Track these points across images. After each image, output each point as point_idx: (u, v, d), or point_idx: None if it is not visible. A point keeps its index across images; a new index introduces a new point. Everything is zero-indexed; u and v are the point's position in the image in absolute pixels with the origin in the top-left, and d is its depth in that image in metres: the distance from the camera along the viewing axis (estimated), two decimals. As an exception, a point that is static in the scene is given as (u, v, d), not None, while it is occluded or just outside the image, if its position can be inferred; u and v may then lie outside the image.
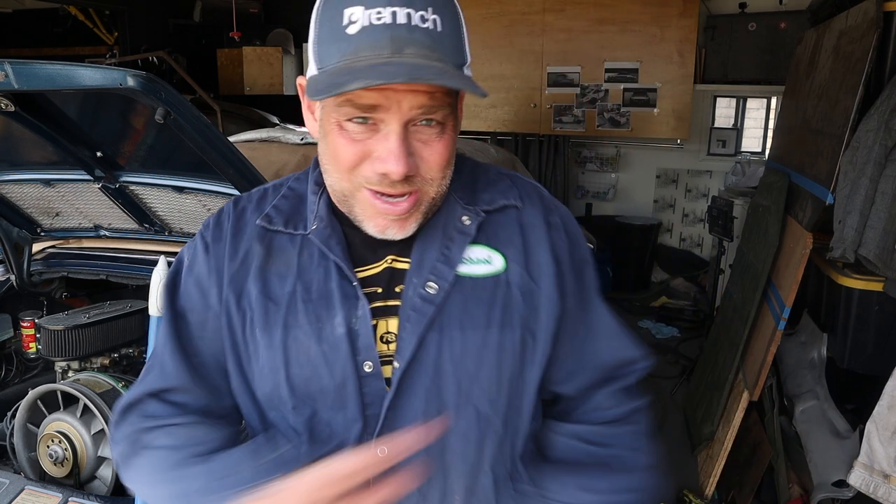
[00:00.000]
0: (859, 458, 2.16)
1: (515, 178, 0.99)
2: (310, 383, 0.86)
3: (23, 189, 1.94)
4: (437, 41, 0.77)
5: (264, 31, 7.23)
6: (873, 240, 2.24)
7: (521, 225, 0.93)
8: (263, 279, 0.89)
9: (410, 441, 0.79)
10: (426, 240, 0.89)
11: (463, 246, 0.89)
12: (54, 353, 1.89)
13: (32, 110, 1.54)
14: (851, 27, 2.69)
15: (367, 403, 0.85)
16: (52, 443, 1.65)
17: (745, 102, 5.63)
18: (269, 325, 0.87)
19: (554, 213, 0.96)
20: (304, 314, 0.86)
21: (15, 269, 2.09)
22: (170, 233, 2.01)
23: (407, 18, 0.76)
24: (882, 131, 2.25)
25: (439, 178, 0.84)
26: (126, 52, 6.72)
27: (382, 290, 0.89)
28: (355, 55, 0.76)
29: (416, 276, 0.87)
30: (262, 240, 0.92)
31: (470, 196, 0.93)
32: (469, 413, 0.87)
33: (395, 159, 0.78)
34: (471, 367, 0.86)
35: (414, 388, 0.85)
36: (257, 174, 1.54)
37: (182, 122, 1.37)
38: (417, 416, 0.84)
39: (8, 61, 1.34)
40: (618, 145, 5.83)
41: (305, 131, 3.68)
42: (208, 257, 0.93)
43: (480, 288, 0.88)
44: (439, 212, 0.90)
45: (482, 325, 0.87)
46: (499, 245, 0.91)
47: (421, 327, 0.85)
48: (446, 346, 0.85)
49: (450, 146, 0.83)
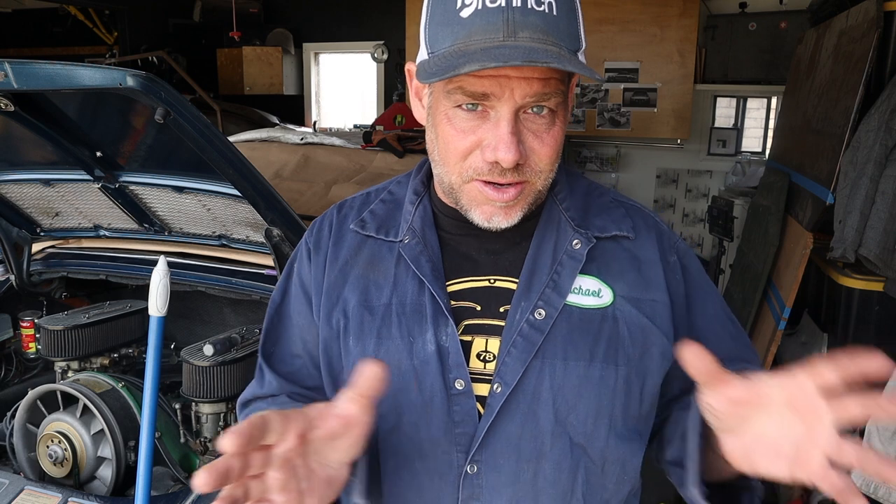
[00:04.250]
0: (860, 459, 2.16)
1: (631, 208, 0.95)
2: (398, 396, 0.85)
3: (22, 189, 1.94)
4: (552, 25, 0.75)
5: (264, 31, 7.22)
6: (874, 240, 2.24)
7: (635, 258, 0.90)
8: (362, 288, 0.90)
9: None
10: (536, 261, 0.87)
11: (574, 273, 0.86)
12: (54, 353, 1.89)
13: (32, 110, 1.54)
14: (852, 27, 2.69)
15: (456, 421, 0.83)
16: (52, 443, 1.65)
17: (745, 102, 5.63)
18: (363, 335, 0.87)
19: (671, 250, 0.93)
20: (398, 327, 0.86)
21: (15, 269, 2.08)
22: (170, 233, 2.01)
23: (522, 1, 0.74)
24: (882, 131, 2.25)
25: (548, 169, 0.82)
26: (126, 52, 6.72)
27: (482, 307, 0.87)
28: (468, 38, 0.75)
29: (525, 299, 0.85)
30: (361, 247, 0.93)
31: (581, 218, 0.90)
32: (563, 442, 0.84)
33: (505, 146, 0.76)
34: (569, 398, 0.84)
35: (512, 413, 0.83)
36: (257, 174, 1.54)
37: (182, 122, 1.37)
38: (512, 440, 0.83)
39: (8, 61, 1.34)
40: (618, 145, 5.83)
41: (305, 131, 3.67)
42: (310, 264, 0.95)
43: (587, 320, 0.85)
44: (549, 230, 0.89)
45: (586, 357, 0.84)
46: (610, 277, 0.87)
47: (528, 354, 0.83)
48: (547, 375, 0.83)
49: (560, 137, 0.81)
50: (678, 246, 0.94)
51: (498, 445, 0.83)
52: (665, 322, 0.88)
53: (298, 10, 7.17)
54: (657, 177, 5.77)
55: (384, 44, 7.06)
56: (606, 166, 5.89)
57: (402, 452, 0.86)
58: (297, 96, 7.48)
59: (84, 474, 1.66)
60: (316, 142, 2.80)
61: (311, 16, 7.09)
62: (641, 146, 5.77)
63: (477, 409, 0.83)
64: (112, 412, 1.65)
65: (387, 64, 7.23)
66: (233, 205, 1.74)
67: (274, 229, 1.67)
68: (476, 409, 0.83)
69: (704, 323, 0.93)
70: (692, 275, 0.94)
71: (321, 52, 7.55)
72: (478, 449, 0.82)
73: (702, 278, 0.95)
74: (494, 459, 0.83)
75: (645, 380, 0.87)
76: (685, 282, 0.92)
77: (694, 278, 0.94)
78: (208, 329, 2.19)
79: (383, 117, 5.42)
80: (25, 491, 1.53)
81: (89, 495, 1.55)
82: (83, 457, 1.65)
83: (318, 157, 2.59)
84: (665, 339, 0.87)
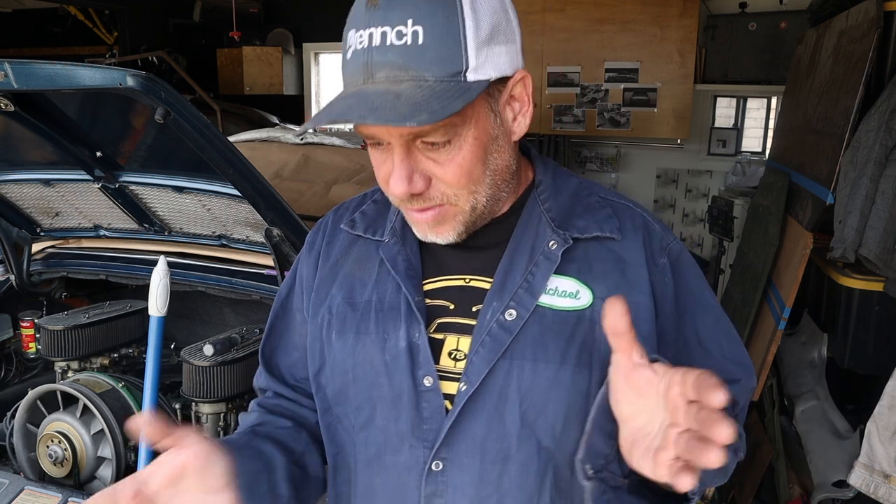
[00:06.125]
0: (860, 459, 2.16)
1: (620, 208, 0.92)
2: (371, 390, 0.88)
3: (22, 189, 1.94)
4: (412, 57, 0.73)
5: (264, 31, 7.22)
6: (874, 240, 2.23)
7: (619, 260, 0.87)
8: (348, 286, 0.93)
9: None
10: (512, 261, 0.87)
11: (548, 273, 0.85)
12: (54, 353, 1.89)
13: (32, 110, 1.54)
14: (852, 27, 2.69)
15: (424, 417, 0.85)
16: (52, 443, 1.65)
17: (745, 102, 5.62)
18: (344, 330, 0.91)
19: (661, 252, 0.89)
20: (375, 323, 0.89)
21: (15, 269, 2.08)
22: (170, 233, 2.00)
23: (381, 38, 0.73)
24: (882, 131, 2.25)
25: (465, 193, 0.81)
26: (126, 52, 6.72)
27: (456, 306, 0.88)
28: (344, 83, 0.78)
29: (497, 299, 0.85)
30: (351, 246, 0.96)
31: (563, 219, 0.88)
32: (531, 445, 0.84)
33: (394, 181, 0.78)
34: (538, 401, 0.83)
35: (477, 412, 0.83)
36: (257, 174, 1.54)
37: (182, 122, 1.37)
38: (477, 439, 0.83)
39: (8, 61, 1.34)
40: (618, 145, 5.82)
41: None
42: (308, 260, 1.00)
43: (561, 321, 0.84)
44: (528, 230, 0.88)
45: (556, 360, 0.83)
46: (591, 279, 0.85)
47: (495, 355, 0.83)
48: (515, 376, 0.83)
49: (467, 161, 0.79)
50: (671, 247, 0.91)
51: (463, 444, 0.83)
52: (645, 326, 0.85)
53: (298, 10, 7.17)
54: (657, 177, 5.77)
55: (384, 44, 7.05)
56: (606, 166, 5.89)
57: (374, 445, 0.88)
58: (297, 96, 7.47)
59: (84, 474, 1.66)
60: (316, 142, 2.80)
61: (311, 16, 7.09)
62: (641, 146, 5.76)
63: (445, 407, 0.84)
64: (112, 412, 1.65)
65: (387, 64, 7.22)
66: (233, 205, 1.74)
67: (274, 229, 1.67)
68: (443, 407, 0.84)
69: (693, 332, 0.91)
70: (684, 279, 0.91)
71: (321, 52, 7.54)
72: (441, 446, 0.83)
73: (695, 283, 0.92)
74: (459, 458, 0.83)
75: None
76: (675, 285, 0.89)
77: (686, 282, 0.91)
78: (208, 329, 2.19)
79: (383, 117, 5.42)
80: (25, 491, 1.53)
81: (89, 495, 1.55)
82: (83, 457, 1.65)
83: (318, 157, 2.59)
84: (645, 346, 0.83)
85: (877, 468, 2.12)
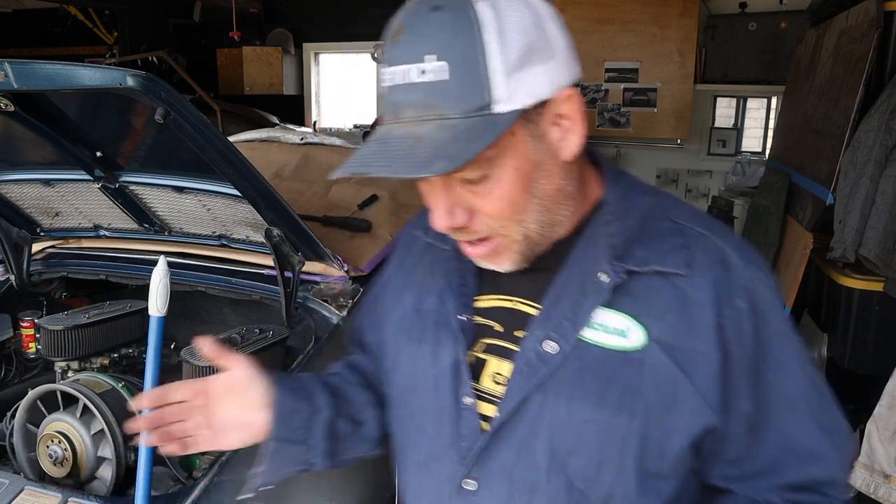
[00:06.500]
0: (860, 459, 2.16)
1: (695, 237, 0.80)
2: (423, 398, 0.90)
3: (22, 189, 1.94)
4: (436, 95, 0.70)
5: (264, 31, 7.23)
6: (874, 240, 2.24)
7: (683, 298, 0.77)
8: (417, 292, 0.95)
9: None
10: (562, 288, 0.82)
11: (592, 307, 0.79)
12: (54, 353, 1.89)
13: (32, 110, 1.54)
14: (852, 27, 2.69)
15: (462, 434, 0.85)
16: (52, 443, 1.65)
17: (745, 102, 5.63)
18: (411, 337, 0.93)
19: (741, 293, 0.78)
20: (431, 334, 0.90)
21: (15, 269, 2.08)
22: (170, 233, 2.00)
23: (405, 76, 0.72)
24: (882, 131, 2.25)
25: (510, 223, 0.78)
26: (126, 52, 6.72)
27: (503, 328, 0.86)
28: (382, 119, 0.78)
29: (540, 328, 0.81)
30: (425, 251, 0.97)
31: (625, 246, 0.79)
32: (560, 481, 0.80)
33: (435, 216, 0.78)
34: (569, 440, 0.79)
35: (510, 440, 0.82)
36: (257, 174, 1.54)
37: (182, 122, 1.37)
38: (507, 466, 0.82)
39: (8, 61, 1.34)
40: (618, 145, 5.83)
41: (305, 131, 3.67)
42: (394, 258, 1.05)
43: (604, 361, 0.78)
44: (584, 257, 0.81)
45: (593, 401, 0.78)
46: (646, 317, 0.77)
47: (529, 386, 0.80)
48: (547, 412, 0.80)
49: (506, 192, 0.75)
50: (755, 289, 0.78)
51: (493, 467, 0.83)
52: (706, 379, 0.76)
53: (298, 10, 7.17)
54: (657, 177, 5.77)
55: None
56: (606, 166, 5.90)
57: (424, 451, 0.91)
58: (297, 96, 7.48)
59: (84, 474, 1.65)
60: (316, 142, 2.80)
61: (311, 16, 7.09)
62: (641, 146, 5.77)
63: (481, 427, 0.84)
64: (112, 412, 1.65)
65: (387, 64, 7.22)
66: (233, 205, 1.74)
67: (274, 229, 1.67)
68: (479, 427, 0.84)
69: (776, 394, 0.80)
70: (770, 327, 0.79)
71: (321, 52, 7.55)
72: (475, 466, 0.84)
73: (782, 333, 0.80)
74: (490, 481, 0.83)
75: (669, 437, 0.78)
76: (757, 334, 0.78)
77: (771, 332, 0.79)
78: (208, 329, 2.19)
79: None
80: (25, 491, 1.52)
81: (89, 495, 1.55)
82: (83, 457, 1.65)
83: (318, 157, 2.59)
84: (700, 400, 0.77)
85: (877, 468, 2.12)
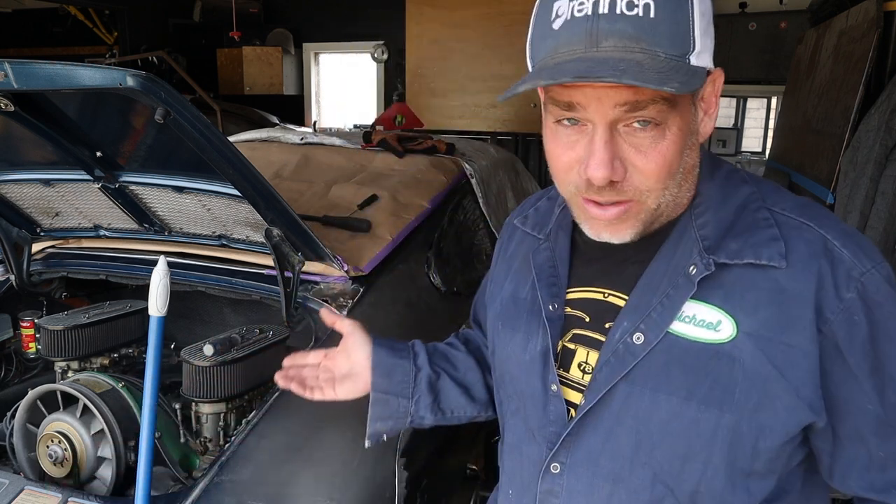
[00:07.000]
0: (860, 459, 2.16)
1: (793, 227, 0.78)
2: (517, 383, 0.94)
3: (22, 189, 1.94)
4: (645, 29, 0.69)
5: (264, 31, 7.23)
6: (874, 240, 2.24)
7: (780, 291, 0.75)
8: (515, 281, 0.98)
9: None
10: (652, 280, 0.81)
11: (683, 299, 0.78)
12: (54, 353, 1.89)
13: (32, 110, 1.54)
14: (852, 27, 2.69)
15: (550, 420, 0.88)
16: (52, 443, 1.65)
17: (745, 102, 5.63)
18: (507, 324, 0.96)
19: (848, 284, 0.74)
20: (525, 322, 0.93)
21: (15, 269, 2.08)
22: (170, 233, 2.00)
23: (609, 7, 0.69)
24: (882, 131, 2.25)
25: (658, 188, 0.76)
26: (126, 52, 6.73)
27: (591, 319, 0.87)
28: (555, 51, 0.73)
29: (628, 319, 0.81)
30: (523, 241, 1.01)
31: (717, 238, 0.79)
32: (644, 474, 0.81)
33: (595, 164, 0.73)
34: (654, 433, 0.79)
35: (596, 428, 0.83)
36: (257, 174, 1.54)
37: (182, 122, 1.37)
38: (594, 453, 0.84)
39: (8, 61, 1.34)
40: (618, 145, 5.82)
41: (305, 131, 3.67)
42: (498, 247, 1.08)
43: (693, 353, 0.77)
44: (675, 249, 0.81)
45: (680, 395, 0.77)
46: (738, 310, 0.76)
47: (616, 376, 0.81)
48: (633, 403, 0.80)
49: (670, 152, 0.74)
50: (865, 278, 0.75)
51: (579, 454, 0.85)
52: (800, 374, 0.75)
53: (298, 10, 7.17)
54: (657, 177, 5.77)
55: (384, 44, 7.06)
56: (606, 166, 5.89)
57: (518, 432, 0.95)
58: (297, 96, 7.49)
59: (84, 474, 1.65)
60: (316, 142, 2.80)
61: (311, 16, 7.09)
62: (641, 146, 5.76)
63: (568, 414, 0.86)
64: (112, 412, 1.65)
65: (387, 64, 7.23)
66: (233, 205, 1.74)
67: (274, 229, 1.67)
68: (566, 413, 0.87)
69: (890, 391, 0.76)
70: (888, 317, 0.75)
71: (321, 52, 7.55)
72: (560, 450, 0.86)
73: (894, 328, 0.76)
74: (576, 466, 0.85)
75: (761, 434, 0.76)
76: (873, 327, 0.74)
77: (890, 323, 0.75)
78: (208, 329, 2.19)
79: (383, 117, 5.42)
80: (25, 491, 1.52)
81: (89, 495, 1.55)
82: (83, 457, 1.65)
83: (318, 157, 2.59)
84: (794, 396, 0.75)
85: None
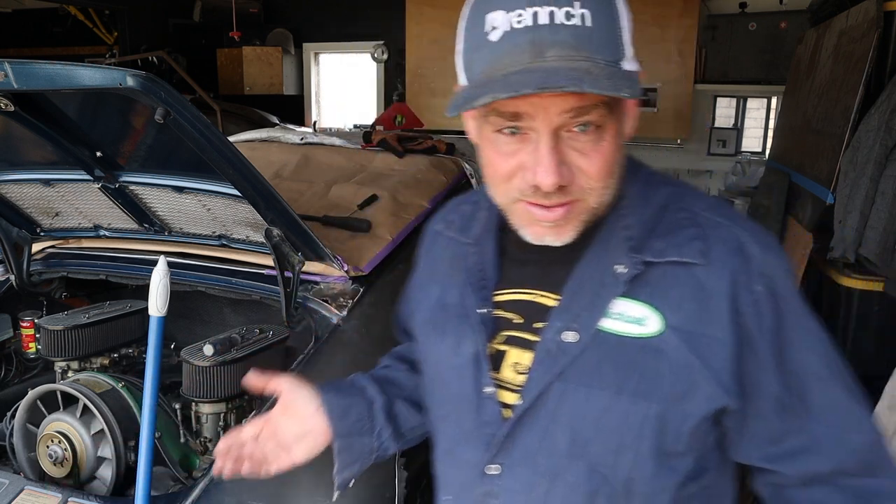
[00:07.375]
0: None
1: (711, 226, 0.82)
2: (448, 388, 0.94)
3: (22, 189, 1.94)
4: (584, 38, 0.71)
5: (264, 31, 7.23)
6: (874, 240, 2.24)
7: (701, 287, 0.80)
8: (442, 286, 0.97)
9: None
10: (581, 280, 0.84)
11: (610, 298, 0.81)
12: (54, 353, 1.89)
13: (32, 110, 1.54)
14: (852, 27, 2.69)
15: (484, 422, 0.88)
16: (52, 443, 1.65)
17: (745, 102, 5.63)
18: (436, 329, 0.96)
19: (759, 279, 0.80)
20: (453, 326, 0.93)
21: (15, 269, 2.08)
22: (170, 233, 2.00)
23: (549, 17, 0.71)
24: (882, 131, 2.25)
25: (600, 186, 0.78)
26: (126, 52, 6.73)
27: (523, 320, 0.88)
28: (496, 63, 0.73)
29: (560, 318, 0.83)
30: (448, 245, 1.00)
31: (642, 238, 0.82)
32: (580, 467, 0.83)
33: (544, 171, 0.74)
34: (589, 428, 0.82)
35: (532, 427, 0.85)
36: (257, 174, 1.54)
37: (182, 122, 1.37)
38: (531, 451, 0.85)
39: (8, 61, 1.34)
40: (618, 145, 5.83)
41: (305, 131, 3.67)
42: (421, 252, 1.07)
43: (622, 349, 0.80)
44: (602, 249, 0.84)
45: (611, 389, 0.80)
46: (664, 305, 0.80)
47: (550, 376, 0.82)
48: (568, 400, 0.82)
49: (609, 153, 0.77)
50: (773, 275, 0.81)
51: (516, 454, 0.86)
52: (720, 363, 0.79)
53: (298, 10, 7.17)
54: (657, 177, 5.78)
55: (384, 44, 7.06)
56: (606, 166, 5.90)
57: (450, 438, 0.95)
58: (297, 96, 7.49)
59: (84, 474, 1.65)
60: (316, 142, 2.80)
61: (311, 16, 7.09)
62: (641, 146, 5.76)
63: (502, 415, 0.87)
64: (112, 412, 1.65)
65: (387, 64, 7.22)
66: (233, 205, 1.74)
67: (274, 229, 1.67)
68: (500, 415, 0.87)
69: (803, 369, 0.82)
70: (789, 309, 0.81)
71: (321, 52, 7.55)
72: (499, 452, 0.86)
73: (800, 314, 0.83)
74: (513, 466, 0.86)
75: (685, 419, 0.80)
76: (777, 317, 0.80)
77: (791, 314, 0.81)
78: (208, 329, 2.19)
79: (383, 117, 5.42)
80: (25, 491, 1.53)
81: (89, 495, 1.55)
82: (83, 457, 1.65)
83: (318, 157, 2.59)
84: (715, 385, 0.79)
85: (877, 468, 2.12)
